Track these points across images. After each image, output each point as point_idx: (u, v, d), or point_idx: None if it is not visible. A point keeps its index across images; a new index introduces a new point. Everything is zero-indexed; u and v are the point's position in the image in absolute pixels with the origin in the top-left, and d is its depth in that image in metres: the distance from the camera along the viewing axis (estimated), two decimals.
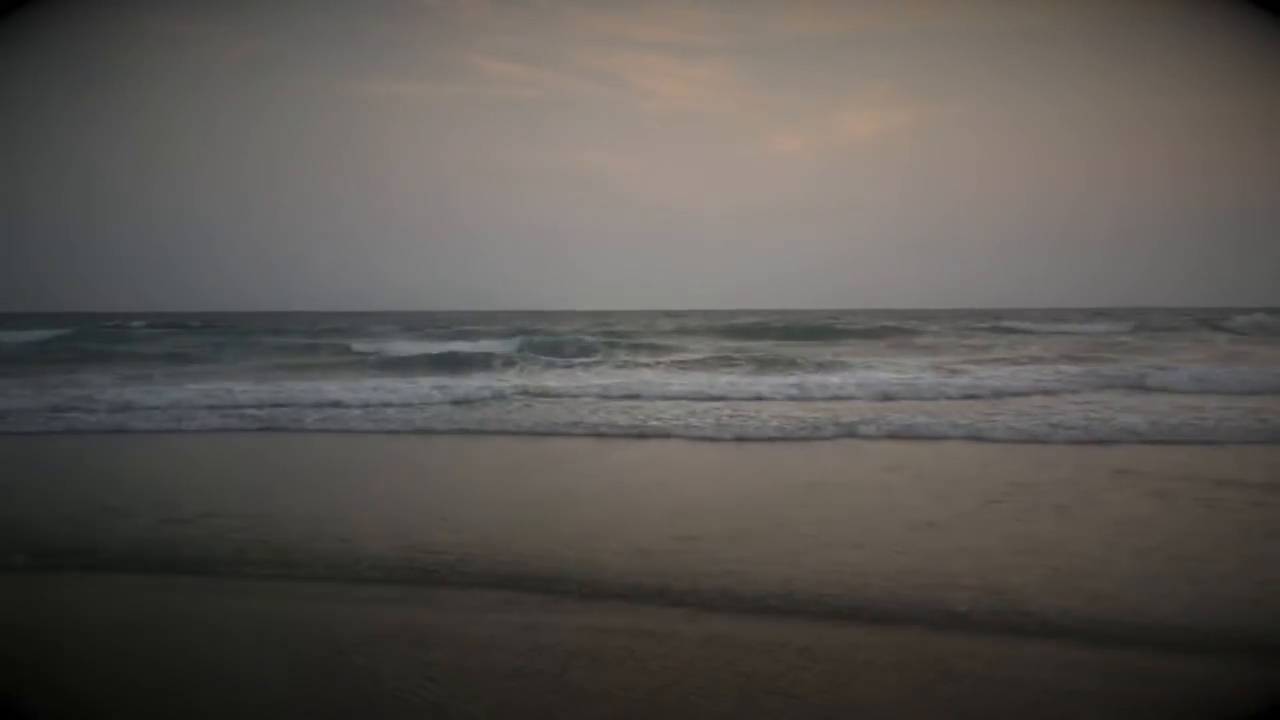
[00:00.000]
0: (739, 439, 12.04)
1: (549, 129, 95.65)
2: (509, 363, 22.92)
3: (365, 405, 15.07)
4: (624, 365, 23.29)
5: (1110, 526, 7.20)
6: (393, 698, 4.08)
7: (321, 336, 33.75)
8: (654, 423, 12.92)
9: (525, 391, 16.92)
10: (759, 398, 16.07)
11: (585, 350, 26.40)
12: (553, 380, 18.92)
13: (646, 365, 23.10)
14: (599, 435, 12.52)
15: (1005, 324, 42.43)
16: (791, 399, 16.00)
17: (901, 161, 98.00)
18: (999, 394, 16.22)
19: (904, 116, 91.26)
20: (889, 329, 37.00)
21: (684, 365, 22.61)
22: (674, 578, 5.75)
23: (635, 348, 27.74)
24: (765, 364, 21.81)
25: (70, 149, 68.78)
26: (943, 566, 6.01)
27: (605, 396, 16.28)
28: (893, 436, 11.99)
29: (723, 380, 18.43)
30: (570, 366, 22.73)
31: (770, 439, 11.95)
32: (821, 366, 20.78)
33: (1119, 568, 6.04)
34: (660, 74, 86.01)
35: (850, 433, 12.18)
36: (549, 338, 29.99)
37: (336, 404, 15.16)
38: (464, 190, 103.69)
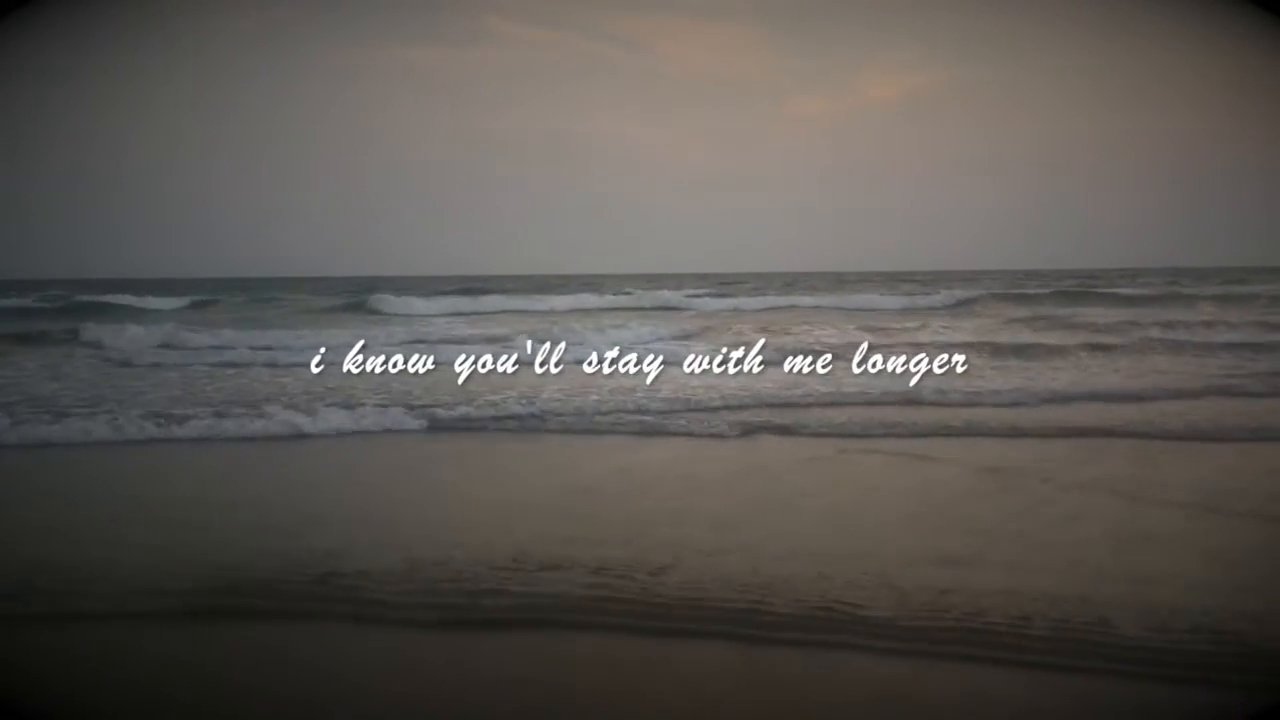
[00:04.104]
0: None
1: (568, 93, 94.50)
2: None
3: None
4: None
5: None
6: None
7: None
8: None
9: None
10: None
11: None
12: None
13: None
14: None
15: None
16: None
17: (925, 124, 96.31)
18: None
19: (928, 79, 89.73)
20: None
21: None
22: None
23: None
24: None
25: (78, 121, 67.81)
26: None
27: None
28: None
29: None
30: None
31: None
32: None
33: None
34: (681, 37, 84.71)
35: None
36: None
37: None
38: (480, 156, 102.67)
